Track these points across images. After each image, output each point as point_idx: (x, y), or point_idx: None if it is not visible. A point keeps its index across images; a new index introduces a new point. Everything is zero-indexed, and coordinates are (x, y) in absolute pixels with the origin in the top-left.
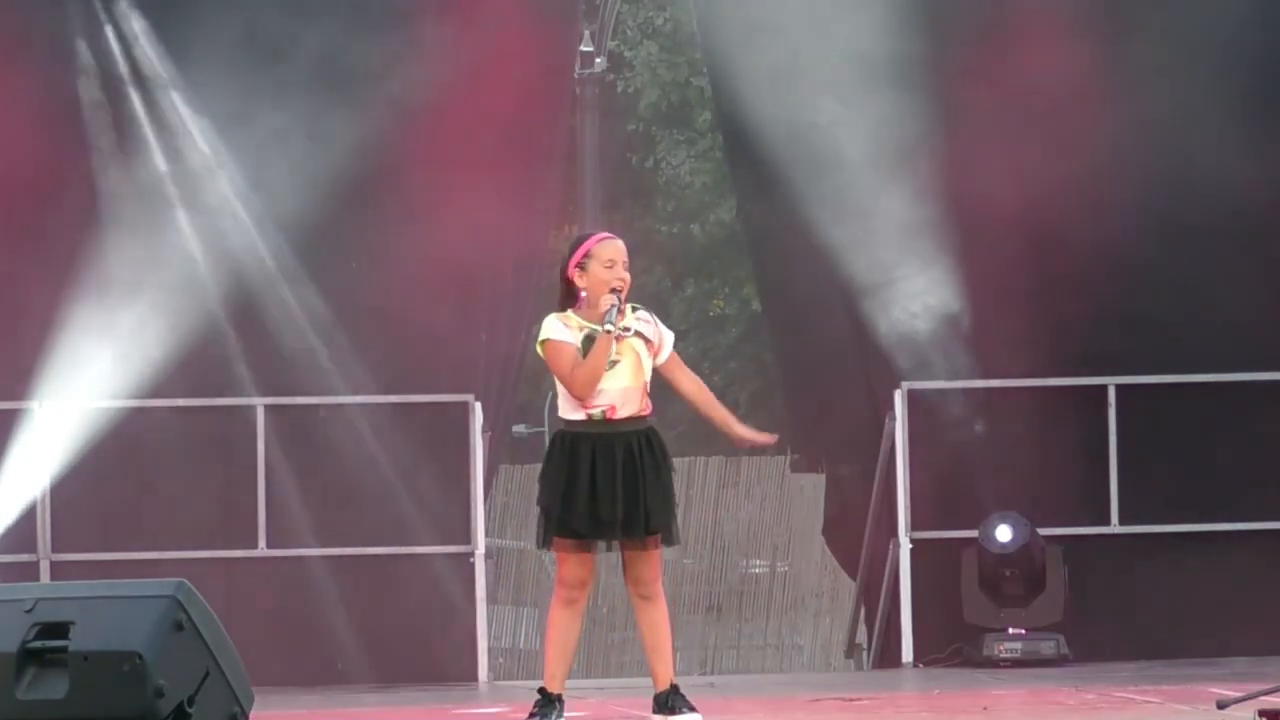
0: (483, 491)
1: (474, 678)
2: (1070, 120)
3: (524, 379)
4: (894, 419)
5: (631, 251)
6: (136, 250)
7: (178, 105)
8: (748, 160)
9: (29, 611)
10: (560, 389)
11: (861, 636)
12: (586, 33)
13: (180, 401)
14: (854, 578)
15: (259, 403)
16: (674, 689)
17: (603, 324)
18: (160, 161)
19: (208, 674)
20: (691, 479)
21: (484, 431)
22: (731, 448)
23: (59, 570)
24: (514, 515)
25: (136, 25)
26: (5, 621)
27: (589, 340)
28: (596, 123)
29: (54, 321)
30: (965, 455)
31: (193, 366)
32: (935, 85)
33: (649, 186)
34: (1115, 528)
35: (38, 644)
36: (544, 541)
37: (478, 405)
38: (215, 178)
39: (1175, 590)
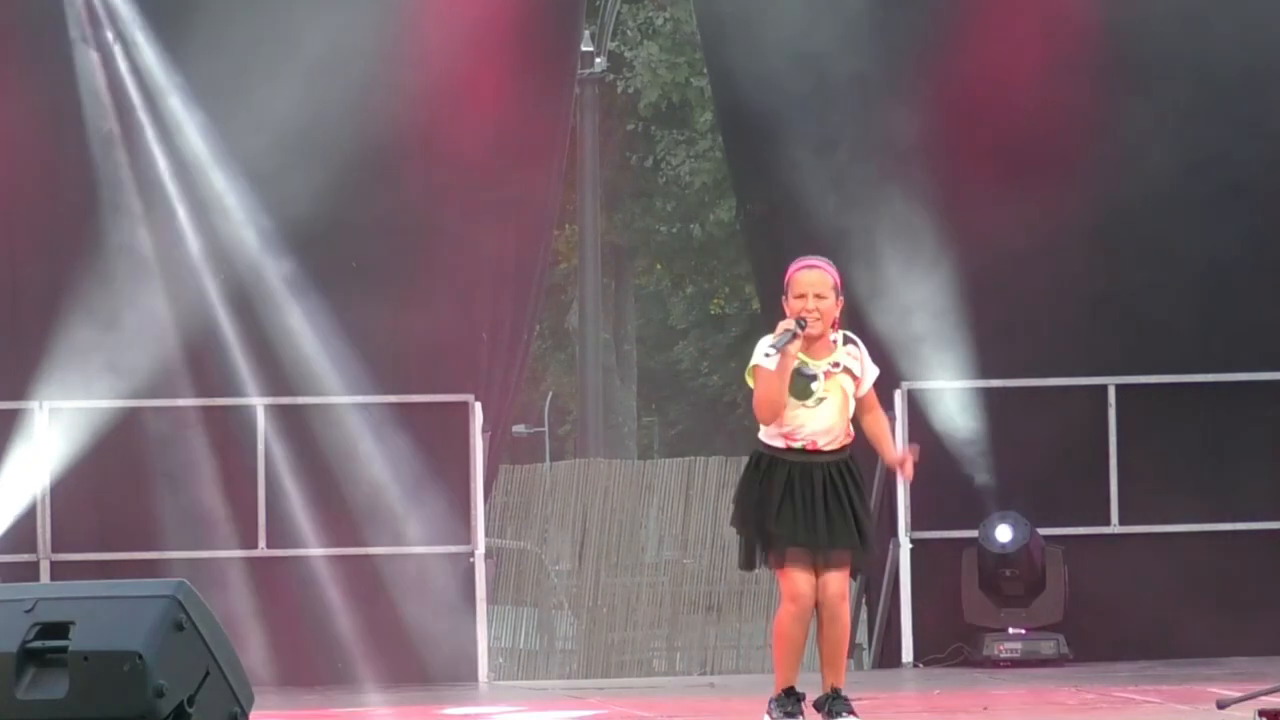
0: (483, 491)
1: (474, 678)
2: (1074, 119)
3: (524, 379)
4: (894, 419)
5: (631, 252)
6: (137, 250)
7: (178, 104)
8: (748, 159)
9: (29, 611)
10: None
11: (862, 636)
12: (587, 33)
13: (180, 401)
14: (854, 578)
15: (259, 403)
16: (836, 692)
17: (770, 344)
18: (161, 161)
19: (208, 674)
20: (691, 479)
21: (484, 431)
22: (731, 448)
23: (59, 570)
24: (514, 515)
25: (135, 23)
26: (5, 621)
27: (798, 374)
28: (596, 123)
29: (54, 321)
30: (965, 455)
31: (193, 366)
32: (936, 85)
33: (649, 186)
34: (1115, 528)
35: (38, 644)
36: (751, 562)
37: (478, 405)
38: (215, 178)
39: (1175, 590)
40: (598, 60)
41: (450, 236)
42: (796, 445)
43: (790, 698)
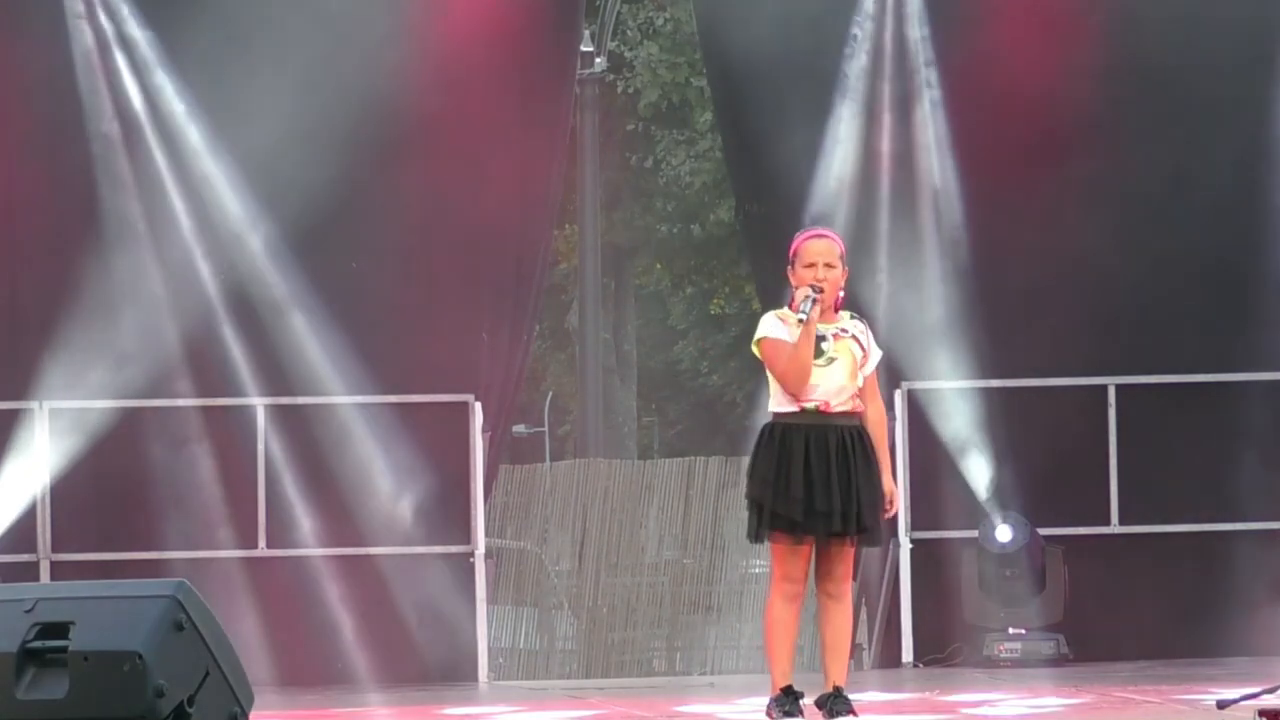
0: (483, 491)
1: (474, 678)
2: (1073, 119)
3: (524, 379)
4: (894, 419)
5: (631, 252)
6: (137, 250)
7: (177, 104)
8: (747, 158)
9: (29, 611)
10: (773, 384)
11: (862, 636)
12: (587, 33)
13: (180, 402)
14: (854, 578)
15: (259, 403)
16: (838, 691)
17: (796, 314)
18: (161, 162)
19: (208, 674)
20: (691, 479)
21: (484, 431)
22: (731, 448)
23: (59, 570)
24: (514, 515)
25: (132, 18)
26: (5, 621)
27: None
28: (596, 123)
29: (54, 322)
30: (965, 455)
31: (193, 366)
32: (938, 86)
33: (649, 186)
34: (1115, 528)
35: (38, 644)
36: (756, 535)
37: (478, 405)
38: (215, 179)
39: (1175, 590)
40: (598, 60)
41: (450, 236)
42: (809, 406)
43: (789, 697)
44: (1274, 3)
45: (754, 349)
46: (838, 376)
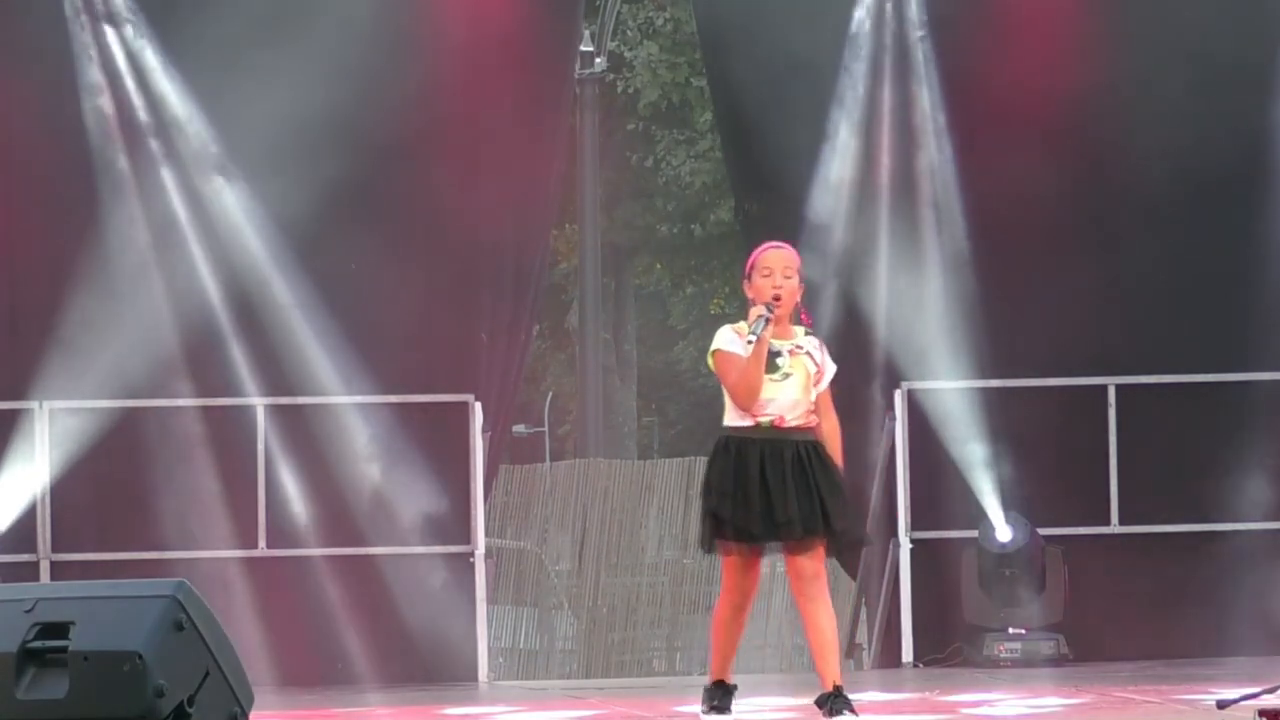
0: (483, 491)
1: (474, 678)
2: (1072, 120)
3: (524, 379)
4: (894, 419)
5: (631, 251)
6: (136, 250)
7: (177, 103)
8: (746, 159)
9: (29, 611)
10: (727, 398)
11: (861, 636)
12: (587, 33)
13: (180, 402)
14: (854, 578)
15: (259, 403)
16: (837, 690)
17: (749, 331)
18: (160, 160)
19: (208, 674)
20: (691, 479)
21: (484, 431)
22: None
23: (59, 570)
24: (514, 515)
25: (132, 19)
26: (5, 621)
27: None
28: (596, 123)
29: (54, 321)
30: (965, 455)
31: (193, 366)
32: (939, 86)
33: (649, 186)
34: (1115, 528)
35: (38, 644)
36: (710, 546)
37: (478, 405)
38: (215, 178)
39: (1175, 590)
40: (598, 60)
41: (450, 236)
42: (764, 421)
43: (720, 689)
44: (1276, 6)
45: (709, 360)
46: (792, 391)
